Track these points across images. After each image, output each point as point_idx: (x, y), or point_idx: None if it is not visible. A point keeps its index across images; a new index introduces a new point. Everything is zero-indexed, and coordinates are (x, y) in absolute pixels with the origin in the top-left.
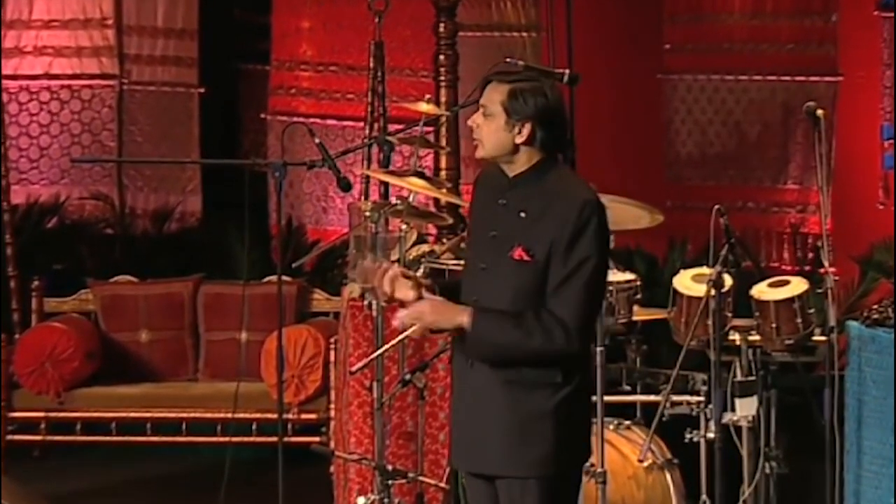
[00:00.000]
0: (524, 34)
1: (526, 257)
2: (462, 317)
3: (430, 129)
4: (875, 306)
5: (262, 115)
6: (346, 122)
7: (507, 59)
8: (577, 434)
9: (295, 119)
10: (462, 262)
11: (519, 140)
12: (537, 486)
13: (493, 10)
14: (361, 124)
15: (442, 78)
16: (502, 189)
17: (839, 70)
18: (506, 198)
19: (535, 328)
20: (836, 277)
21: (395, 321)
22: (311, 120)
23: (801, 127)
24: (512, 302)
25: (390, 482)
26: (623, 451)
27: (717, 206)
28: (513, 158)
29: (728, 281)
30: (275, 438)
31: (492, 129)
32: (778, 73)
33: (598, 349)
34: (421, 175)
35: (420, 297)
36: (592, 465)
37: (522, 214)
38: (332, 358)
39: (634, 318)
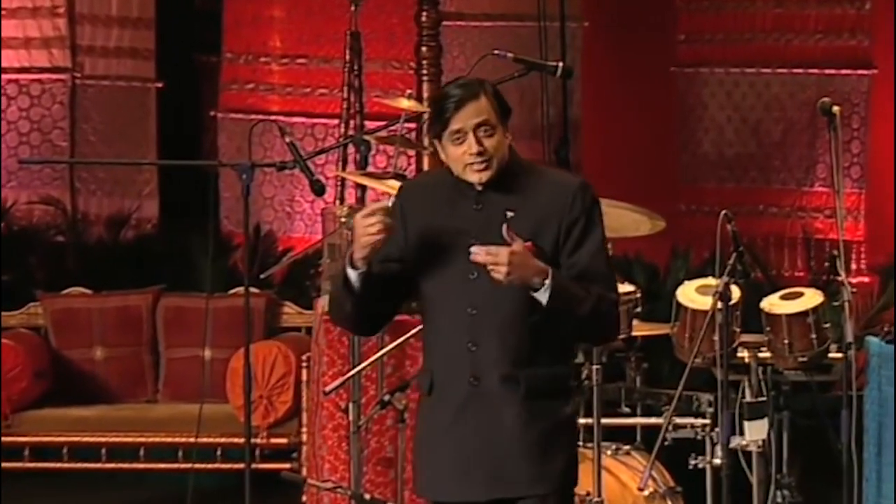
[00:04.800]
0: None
1: (534, 250)
2: (536, 279)
3: (413, 126)
4: None
5: (212, 113)
6: (316, 120)
7: (495, 52)
8: (577, 444)
9: (252, 117)
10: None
11: (509, 141)
12: (557, 500)
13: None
14: (334, 122)
15: (424, 71)
16: (466, 195)
17: (873, 62)
18: (480, 202)
19: (596, 293)
20: (854, 289)
21: (476, 254)
22: (274, 118)
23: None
24: (527, 299)
25: None
26: (622, 478)
27: (723, 212)
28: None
29: (736, 293)
30: (241, 465)
31: (499, 143)
32: (805, 65)
33: (595, 367)
34: (401, 177)
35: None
36: (588, 494)
37: (510, 213)
38: (304, 377)
39: (634, 333)
